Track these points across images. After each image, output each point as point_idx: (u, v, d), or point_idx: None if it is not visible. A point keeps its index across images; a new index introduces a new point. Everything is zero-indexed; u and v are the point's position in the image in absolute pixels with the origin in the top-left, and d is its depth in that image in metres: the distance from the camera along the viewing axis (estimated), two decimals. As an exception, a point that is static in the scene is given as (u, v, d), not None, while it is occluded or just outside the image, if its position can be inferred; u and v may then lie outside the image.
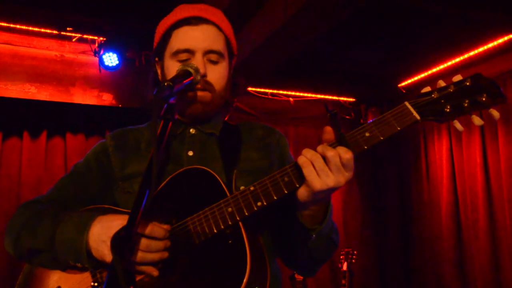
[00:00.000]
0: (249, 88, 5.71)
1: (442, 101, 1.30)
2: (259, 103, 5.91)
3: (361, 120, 6.23)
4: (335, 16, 3.91)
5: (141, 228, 1.29)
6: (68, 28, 4.72)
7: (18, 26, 4.60)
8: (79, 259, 1.40)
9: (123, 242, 1.14)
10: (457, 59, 5.09)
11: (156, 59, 1.69)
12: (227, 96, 1.68)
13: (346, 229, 6.17)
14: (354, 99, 6.39)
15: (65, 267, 1.49)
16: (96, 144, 1.74)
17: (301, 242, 1.45)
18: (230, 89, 1.70)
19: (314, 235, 1.40)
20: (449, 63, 5.19)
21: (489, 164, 5.04)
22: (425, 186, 5.91)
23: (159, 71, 1.68)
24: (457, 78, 1.31)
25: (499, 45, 4.68)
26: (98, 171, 1.66)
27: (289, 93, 6.08)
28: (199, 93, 1.54)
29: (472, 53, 4.92)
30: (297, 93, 6.11)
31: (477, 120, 1.28)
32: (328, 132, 1.32)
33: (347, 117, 6.35)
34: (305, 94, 6.14)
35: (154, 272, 1.33)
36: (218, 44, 1.60)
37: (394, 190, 6.38)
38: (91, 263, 1.39)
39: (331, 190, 1.27)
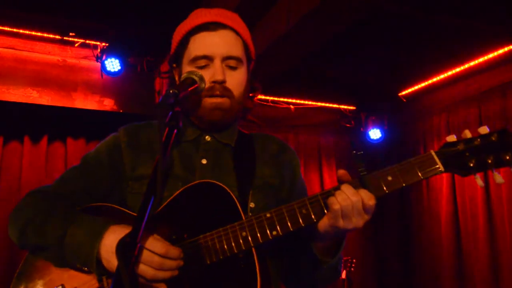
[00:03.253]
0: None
1: (467, 154, 1.30)
2: (260, 110, 5.91)
3: (362, 129, 6.24)
4: (337, 25, 3.93)
5: (157, 247, 1.30)
6: (70, 33, 4.74)
7: (21, 31, 4.62)
8: (88, 265, 1.39)
9: (128, 248, 1.14)
10: (458, 69, 5.12)
11: (174, 65, 1.67)
12: (245, 102, 1.67)
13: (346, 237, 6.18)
14: (354, 107, 6.41)
15: (71, 267, 1.47)
16: (109, 137, 1.70)
17: (308, 271, 1.48)
18: (248, 94, 1.69)
19: (325, 267, 1.42)
20: (450, 73, 5.22)
21: (488, 174, 5.05)
22: (424, 195, 5.92)
23: (176, 78, 1.66)
24: (483, 130, 1.31)
25: (499, 56, 4.72)
26: (109, 166, 1.62)
27: (290, 100, 6.10)
28: (219, 100, 1.54)
29: (472, 63, 4.96)
30: (298, 101, 6.14)
31: (498, 178, 1.28)
32: (344, 175, 1.34)
33: (348, 125, 6.38)
34: (306, 102, 6.17)
35: (163, 287, 1.33)
36: (236, 49, 1.59)
37: (394, 199, 6.38)
38: (98, 271, 1.38)
39: (349, 231, 1.31)
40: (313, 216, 1.33)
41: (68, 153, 5.11)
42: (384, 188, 1.31)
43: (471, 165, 1.29)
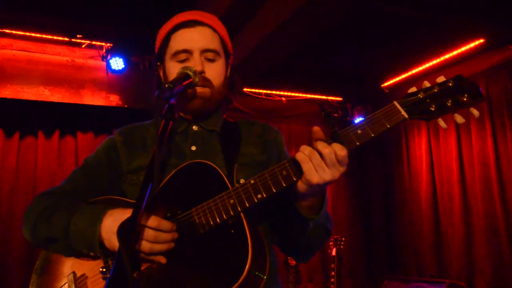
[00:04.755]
0: (245, 89, 5.96)
1: (428, 100, 1.36)
2: (254, 102, 6.12)
3: (348, 118, 6.54)
4: (323, 22, 4.16)
5: (149, 221, 1.36)
6: (78, 36, 4.95)
7: (32, 34, 4.82)
8: (92, 249, 1.47)
9: (129, 231, 1.20)
10: (434, 61, 5.42)
11: (158, 63, 1.76)
12: (225, 92, 1.73)
13: (335, 217, 6.45)
14: (341, 98, 6.67)
15: (79, 255, 1.56)
16: (105, 140, 1.80)
17: (299, 231, 1.52)
18: (228, 86, 1.75)
19: (311, 224, 1.48)
20: (428, 65, 5.52)
21: (463, 157, 5.38)
22: (406, 177, 6.22)
23: (161, 74, 1.74)
24: (441, 79, 1.38)
25: (471, 49, 5.03)
26: (107, 165, 1.72)
27: (282, 93, 6.32)
28: (199, 89, 1.60)
29: (447, 56, 5.26)
30: (289, 93, 6.37)
31: (459, 118, 1.34)
32: (317, 131, 1.38)
33: (335, 115, 6.68)
34: (297, 94, 6.41)
35: (162, 260, 1.39)
36: (213, 43, 1.67)
37: (378, 181, 6.70)
38: (103, 253, 1.46)
39: (327, 183, 1.34)
40: (293, 176, 1.38)
41: (78, 146, 5.31)
42: (355, 141, 1.35)
43: (433, 109, 1.35)
